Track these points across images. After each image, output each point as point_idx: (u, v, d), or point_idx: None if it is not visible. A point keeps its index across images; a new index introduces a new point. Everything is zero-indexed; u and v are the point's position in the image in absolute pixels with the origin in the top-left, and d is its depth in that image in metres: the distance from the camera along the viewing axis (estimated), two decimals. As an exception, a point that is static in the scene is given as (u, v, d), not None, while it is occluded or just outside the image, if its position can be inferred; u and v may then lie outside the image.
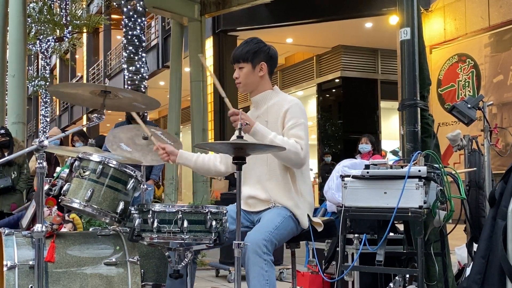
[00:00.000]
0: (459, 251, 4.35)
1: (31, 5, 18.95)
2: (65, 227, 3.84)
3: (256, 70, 2.95)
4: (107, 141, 3.25)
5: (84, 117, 25.53)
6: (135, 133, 3.31)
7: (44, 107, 21.91)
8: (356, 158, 6.25)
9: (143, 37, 8.71)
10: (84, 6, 24.09)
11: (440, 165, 3.01)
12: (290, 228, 2.80)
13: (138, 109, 3.08)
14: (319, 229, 2.94)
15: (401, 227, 3.72)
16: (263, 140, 2.71)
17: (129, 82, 8.61)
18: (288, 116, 2.84)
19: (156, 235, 2.53)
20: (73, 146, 6.76)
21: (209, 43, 14.12)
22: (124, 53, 8.80)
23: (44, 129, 21.26)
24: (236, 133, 2.56)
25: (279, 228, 2.72)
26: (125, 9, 8.56)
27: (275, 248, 2.71)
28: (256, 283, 2.58)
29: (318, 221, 2.96)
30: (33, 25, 20.46)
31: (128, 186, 2.79)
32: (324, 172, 13.13)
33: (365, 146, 6.92)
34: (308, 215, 2.92)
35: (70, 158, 2.94)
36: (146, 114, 6.43)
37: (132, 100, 2.91)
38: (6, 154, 6.65)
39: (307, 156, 2.84)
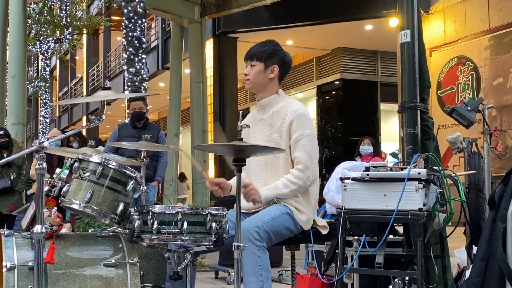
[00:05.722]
0: (458, 253, 4.35)
1: (31, 6, 18.93)
2: (64, 227, 3.84)
3: (268, 71, 2.97)
4: None
5: (84, 118, 25.53)
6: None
7: (43, 108, 21.88)
8: (355, 160, 6.25)
9: (143, 38, 8.71)
10: (84, 7, 24.07)
11: (440, 167, 3.01)
12: (287, 224, 2.79)
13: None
14: (324, 232, 2.93)
15: (400, 229, 3.72)
16: (279, 197, 2.83)
17: (129, 83, 8.60)
18: (293, 127, 2.87)
19: (156, 237, 2.53)
20: (70, 146, 6.76)
21: (209, 45, 14.13)
22: (124, 55, 8.79)
23: (44, 130, 21.22)
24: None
25: (275, 220, 2.73)
26: (125, 11, 8.56)
27: (271, 241, 2.71)
28: (250, 268, 2.59)
29: (324, 224, 2.95)
30: (33, 26, 20.44)
31: (128, 187, 2.79)
32: None
33: (367, 147, 6.91)
34: (314, 220, 2.93)
35: (70, 159, 2.94)
36: (147, 109, 6.40)
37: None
38: (5, 155, 6.65)
39: (314, 169, 2.86)
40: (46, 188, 2.89)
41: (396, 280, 3.18)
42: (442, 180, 2.96)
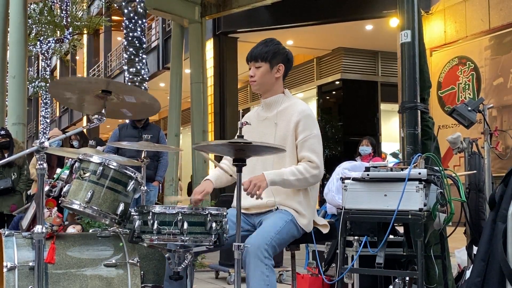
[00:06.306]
0: (459, 253, 4.35)
1: (31, 6, 18.93)
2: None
3: (273, 71, 2.96)
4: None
5: (84, 118, 25.52)
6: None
7: (44, 108, 21.89)
8: (356, 160, 6.25)
9: (143, 38, 8.70)
10: (84, 7, 24.08)
11: (440, 167, 3.01)
12: (291, 233, 2.80)
13: (129, 116, 3.00)
14: (325, 231, 2.93)
15: (401, 229, 3.73)
16: (283, 184, 2.79)
17: (129, 83, 8.60)
18: (300, 127, 2.87)
19: (156, 237, 2.53)
20: (71, 145, 6.76)
21: (209, 45, 14.13)
22: (124, 55, 8.79)
23: (44, 130, 21.22)
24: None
25: (281, 233, 2.72)
26: (125, 11, 8.56)
27: (275, 252, 2.71)
28: (257, 287, 2.58)
29: (324, 223, 2.95)
30: (33, 26, 20.44)
31: (128, 187, 2.79)
32: None
33: (365, 148, 6.91)
34: (314, 220, 2.92)
35: (70, 159, 2.93)
36: None
37: (131, 105, 2.85)
38: (6, 155, 6.65)
39: (323, 169, 2.86)
40: (46, 188, 2.89)
41: (396, 280, 3.19)
42: (442, 180, 2.96)
